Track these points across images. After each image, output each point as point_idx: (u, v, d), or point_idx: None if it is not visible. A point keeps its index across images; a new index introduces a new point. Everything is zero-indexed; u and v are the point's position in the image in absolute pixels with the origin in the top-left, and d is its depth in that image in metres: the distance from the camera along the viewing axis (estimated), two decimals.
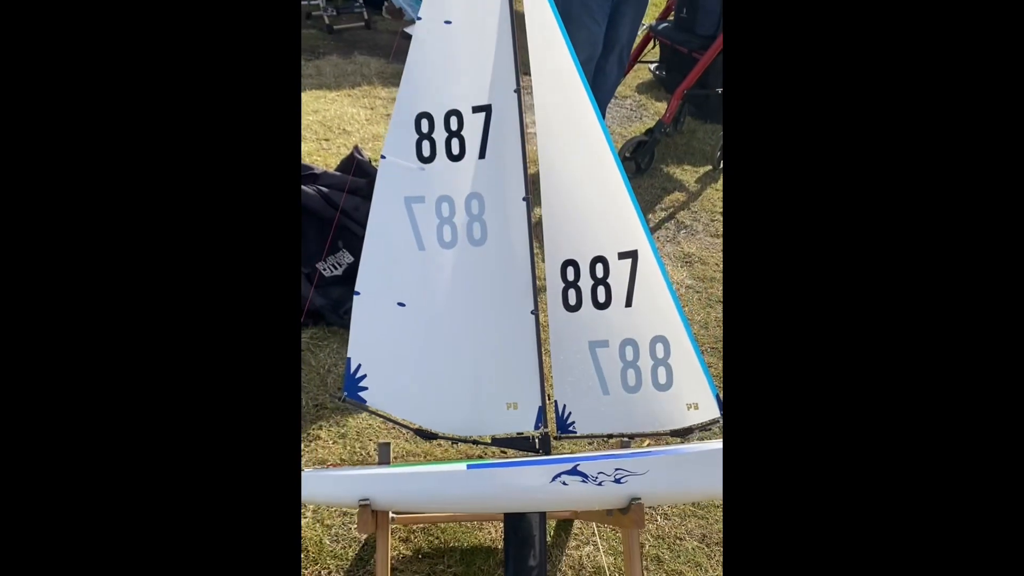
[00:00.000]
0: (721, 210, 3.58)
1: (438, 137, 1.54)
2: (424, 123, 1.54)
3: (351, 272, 2.73)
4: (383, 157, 1.54)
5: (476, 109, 1.54)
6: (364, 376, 1.51)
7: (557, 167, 1.55)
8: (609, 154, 1.53)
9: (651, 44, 4.23)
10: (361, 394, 1.51)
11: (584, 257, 1.55)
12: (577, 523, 1.96)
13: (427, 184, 1.53)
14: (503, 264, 1.53)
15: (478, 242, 1.54)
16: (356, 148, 2.97)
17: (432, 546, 1.89)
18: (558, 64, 1.52)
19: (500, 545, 1.89)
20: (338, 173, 2.87)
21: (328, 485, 1.40)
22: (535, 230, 1.54)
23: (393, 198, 1.53)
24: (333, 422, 2.22)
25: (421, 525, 1.90)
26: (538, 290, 1.55)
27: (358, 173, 2.88)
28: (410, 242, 1.53)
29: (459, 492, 1.38)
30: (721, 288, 3.01)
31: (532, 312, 1.52)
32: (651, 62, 4.62)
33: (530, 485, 1.36)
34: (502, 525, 1.93)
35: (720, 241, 3.35)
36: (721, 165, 3.87)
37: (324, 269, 2.72)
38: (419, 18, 1.53)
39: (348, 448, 2.14)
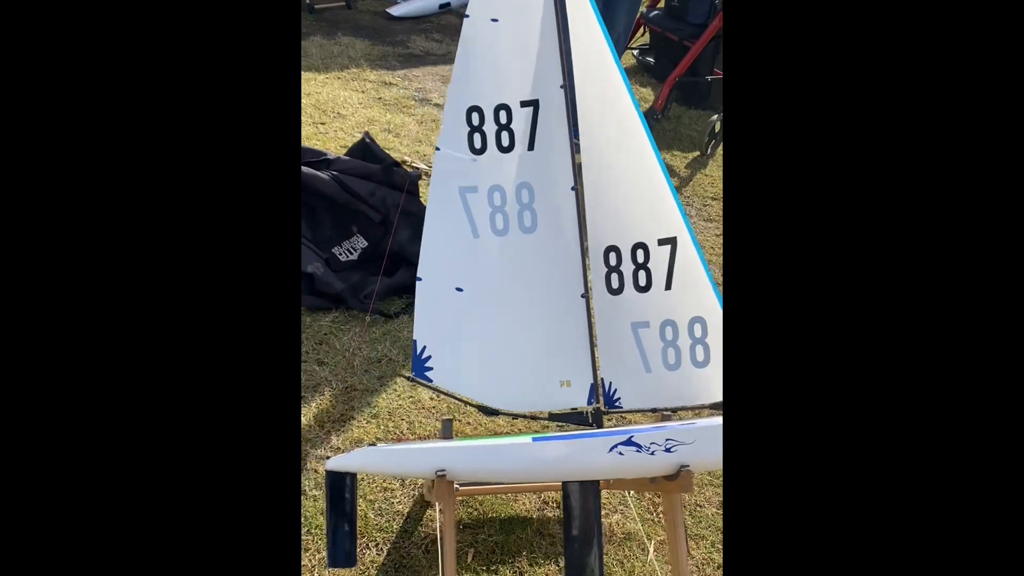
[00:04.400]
0: (712, 195, 3.72)
1: (488, 130, 1.61)
2: (475, 116, 1.61)
3: (365, 256, 2.79)
4: (438, 149, 1.61)
5: (524, 104, 1.62)
6: (429, 357, 1.59)
7: (598, 158, 1.64)
8: (648, 145, 1.63)
9: (641, 31, 4.33)
10: (427, 374, 1.59)
11: (625, 244, 1.65)
12: (604, 493, 2.08)
13: (479, 174, 1.61)
14: (553, 250, 1.62)
15: (528, 229, 1.63)
16: (366, 134, 3.01)
17: (472, 517, 2.00)
18: (597, 57, 1.60)
19: (535, 515, 2.01)
20: (349, 159, 2.91)
21: (407, 458, 1.48)
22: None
23: (448, 188, 1.61)
24: (364, 403, 2.29)
25: (460, 498, 2.00)
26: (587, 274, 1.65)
27: (370, 158, 2.92)
28: (465, 230, 1.61)
29: (527, 462, 1.48)
30: (713, 270, 3.15)
31: (582, 295, 1.62)
32: (634, 48, 4.72)
33: (590, 455, 1.46)
34: (535, 496, 2.04)
35: (712, 225, 3.49)
36: (709, 150, 4.00)
37: (340, 254, 2.77)
38: (467, 15, 1.60)
39: (381, 427, 2.22)
